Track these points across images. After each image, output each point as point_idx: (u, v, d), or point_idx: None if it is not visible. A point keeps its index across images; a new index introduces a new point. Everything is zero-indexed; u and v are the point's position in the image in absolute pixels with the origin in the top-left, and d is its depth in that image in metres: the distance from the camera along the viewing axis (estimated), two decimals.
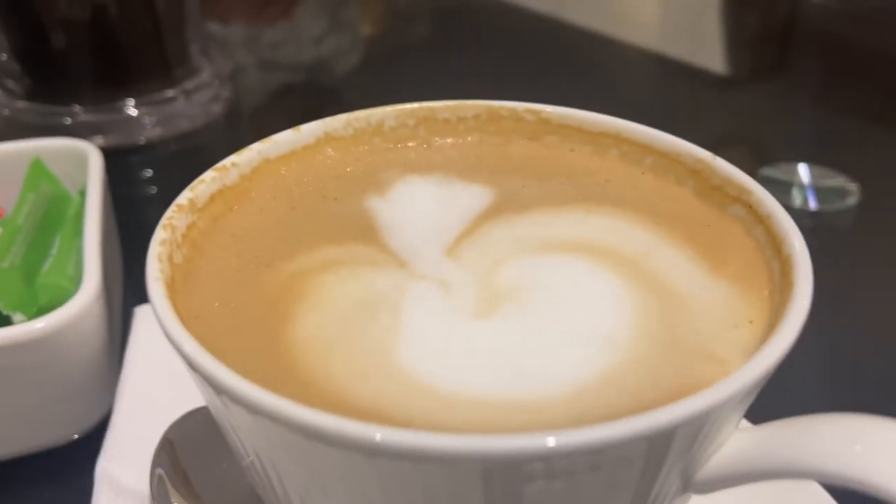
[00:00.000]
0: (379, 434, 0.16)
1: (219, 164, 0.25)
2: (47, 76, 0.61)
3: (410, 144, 0.29)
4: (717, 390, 0.16)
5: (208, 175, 0.24)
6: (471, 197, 0.26)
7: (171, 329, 0.18)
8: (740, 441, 0.19)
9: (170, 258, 0.21)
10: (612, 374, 0.19)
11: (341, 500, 0.18)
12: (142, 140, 0.61)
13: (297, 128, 0.27)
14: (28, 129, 0.61)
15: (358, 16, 1.11)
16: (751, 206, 0.23)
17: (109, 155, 0.45)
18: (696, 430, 0.17)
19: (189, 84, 0.63)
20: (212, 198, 0.24)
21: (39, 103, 0.61)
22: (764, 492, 0.27)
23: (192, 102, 0.63)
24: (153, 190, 0.59)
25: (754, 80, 0.84)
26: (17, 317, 0.34)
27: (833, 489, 0.29)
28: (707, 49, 0.88)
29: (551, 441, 0.15)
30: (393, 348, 0.20)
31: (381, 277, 0.22)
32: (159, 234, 0.21)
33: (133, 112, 0.61)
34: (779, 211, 0.22)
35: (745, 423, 0.29)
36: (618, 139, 0.27)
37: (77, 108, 0.60)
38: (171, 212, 0.22)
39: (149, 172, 0.60)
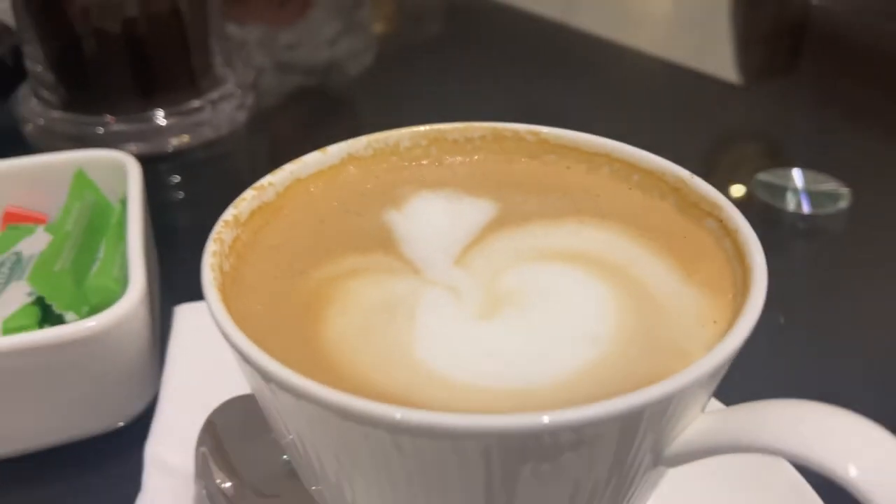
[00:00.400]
0: (399, 414, 0.19)
1: (257, 184, 0.28)
2: (81, 88, 0.64)
3: (424, 162, 0.32)
4: (677, 379, 0.20)
5: (248, 194, 0.28)
6: (477, 210, 0.30)
7: (227, 329, 0.21)
8: (704, 422, 0.22)
9: (220, 267, 0.24)
10: (595, 368, 0.22)
11: (368, 470, 0.21)
12: (170, 148, 0.65)
13: (323, 149, 0.30)
14: (62, 137, 0.65)
15: (371, 16, 1.13)
16: (721, 221, 0.27)
17: (139, 162, 0.49)
18: (662, 412, 0.20)
19: (214, 94, 0.67)
20: (252, 214, 0.27)
21: (73, 113, 0.65)
22: (737, 467, 0.30)
23: (217, 111, 0.67)
24: (181, 195, 0.63)
25: (757, 86, 0.87)
26: (69, 316, 0.38)
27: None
28: (711, 55, 0.90)
29: (540, 420, 0.19)
30: (409, 345, 0.23)
31: (398, 283, 0.26)
32: (211, 247, 0.25)
33: (162, 122, 0.64)
34: (744, 226, 0.25)
35: (720, 405, 0.32)
36: (609, 158, 0.31)
37: (109, 118, 0.64)
38: (219, 227, 0.26)
39: (176, 178, 0.64)
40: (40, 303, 0.38)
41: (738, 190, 0.63)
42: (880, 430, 0.20)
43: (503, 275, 0.26)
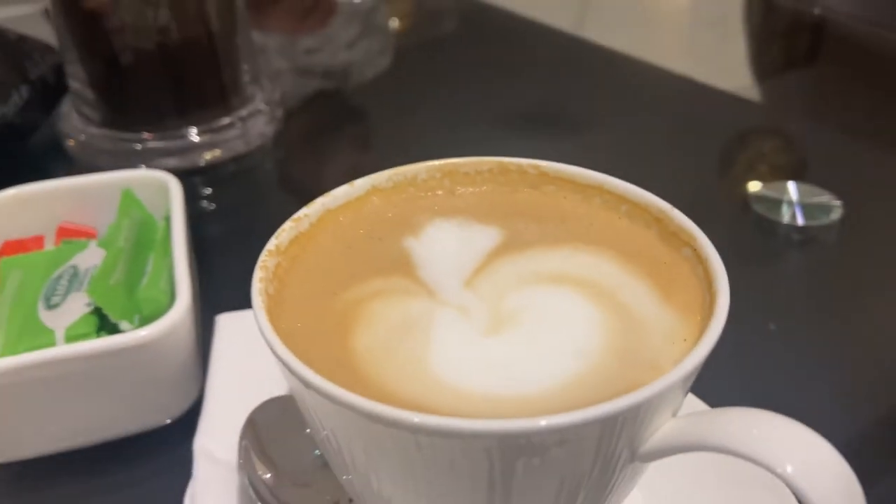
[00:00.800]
0: (416, 418, 0.23)
1: (294, 216, 0.32)
2: (120, 106, 0.69)
3: (439, 193, 0.36)
4: (646, 391, 0.24)
5: (287, 225, 0.32)
6: (484, 237, 0.34)
7: (274, 345, 0.26)
8: (673, 425, 0.26)
9: (266, 291, 0.29)
10: (581, 379, 0.27)
11: (391, 463, 0.26)
12: (202, 162, 0.70)
13: (350, 183, 0.35)
14: (102, 152, 0.70)
15: (389, 15, 1.15)
16: (695, 250, 0.30)
17: (175, 176, 0.53)
18: (634, 417, 0.24)
19: (243, 111, 0.72)
20: (291, 243, 0.32)
21: (113, 130, 0.69)
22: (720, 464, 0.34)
23: (246, 127, 0.71)
24: (212, 206, 0.68)
25: (762, 99, 0.90)
26: (123, 324, 0.42)
27: None
28: (718, 67, 0.93)
29: (533, 424, 0.23)
30: (425, 358, 0.27)
31: (415, 304, 0.30)
32: (258, 274, 0.29)
33: (195, 138, 0.69)
34: (713, 255, 0.29)
35: (703, 405, 0.37)
36: (601, 190, 0.35)
37: (147, 135, 0.69)
38: (264, 255, 0.30)
39: (208, 191, 0.69)
40: (98, 312, 0.42)
41: (735, 203, 0.67)
42: (816, 436, 0.24)
43: (506, 297, 0.30)
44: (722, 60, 0.98)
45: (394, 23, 1.14)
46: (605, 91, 0.87)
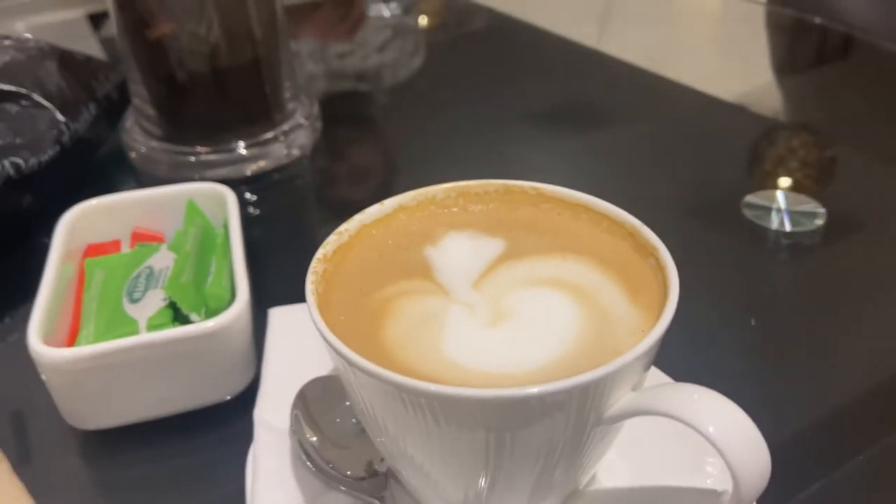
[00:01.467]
0: (433, 388, 0.31)
1: (337, 231, 0.40)
2: (178, 123, 0.78)
3: (454, 210, 0.44)
4: (605, 368, 0.31)
5: (331, 238, 0.40)
6: (490, 246, 0.41)
7: (325, 333, 0.33)
8: (633, 395, 0.33)
9: (317, 291, 0.37)
10: (561, 361, 0.34)
11: (413, 425, 0.33)
12: (248, 172, 0.78)
13: (381, 202, 0.42)
14: (161, 164, 0.78)
15: (418, 14, 1.21)
16: (658, 260, 0.38)
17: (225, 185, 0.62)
18: (596, 388, 0.32)
19: (286, 126, 0.80)
20: (335, 252, 0.40)
21: (171, 144, 0.78)
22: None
23: (288, 140, 0.80)
24: (257, 212, 0.76)
25: (758, 112, 0.96)
26: (193, 316, 0.51)
27: None
28: (723, 79, 1.00)
29: (522, 392, 0.31)
30: (440, 345, 0.35)
31: (432, 302, 0.37)
32: (311, 277, 0.37)
33: (243, 151, 0.78)
34: (670, 264, 0.36)
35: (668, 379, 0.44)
36: (587, 208, 0.42)
37: (200, 148, 0.77)
38: (315, 262, 0.38)
39: (254, 198, 0.77)
40: (172, 306, 0.51)
41: (729, 210, 0.73)
42: (736, 407, 0.31)
43: (506, 296, 0.38)
44: (721, 65, 1.03)
45: (423, 20, 1.20)
46: (619, 98, 0.94)
